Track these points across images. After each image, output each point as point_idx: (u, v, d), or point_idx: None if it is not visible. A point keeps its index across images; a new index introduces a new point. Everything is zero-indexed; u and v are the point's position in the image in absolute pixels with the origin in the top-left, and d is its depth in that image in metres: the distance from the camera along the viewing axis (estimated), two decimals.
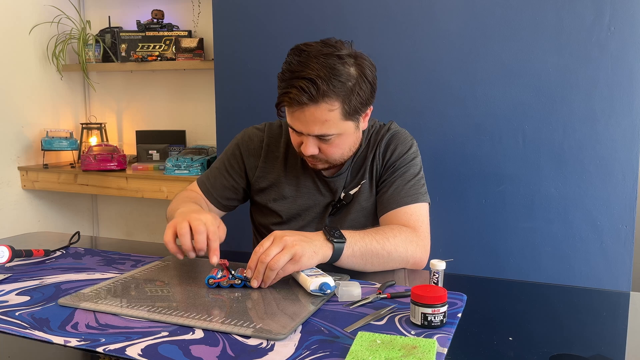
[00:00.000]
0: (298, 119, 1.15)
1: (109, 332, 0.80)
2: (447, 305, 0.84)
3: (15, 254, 1.15)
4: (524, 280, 1.43)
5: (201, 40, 2.49)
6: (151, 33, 2.57)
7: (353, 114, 1.17)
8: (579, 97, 1.64)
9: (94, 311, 0.89)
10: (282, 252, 0.96)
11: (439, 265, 0.96)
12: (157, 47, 2.57)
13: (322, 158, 1.23)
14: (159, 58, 2.55)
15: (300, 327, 0.83)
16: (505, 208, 1.74)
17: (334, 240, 1.03)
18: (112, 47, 2.64)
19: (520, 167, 1.71)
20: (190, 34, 2.55)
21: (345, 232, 1.07)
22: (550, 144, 1.68)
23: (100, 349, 0.75)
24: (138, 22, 2.60)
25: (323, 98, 1.11)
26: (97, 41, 2.64)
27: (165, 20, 2.60)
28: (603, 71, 1.61)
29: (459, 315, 0.88)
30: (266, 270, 0.96)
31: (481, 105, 1.74)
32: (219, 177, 1.37)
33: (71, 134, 2.68)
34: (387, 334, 0.79)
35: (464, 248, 1.79)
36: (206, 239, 1.03)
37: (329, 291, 0.94)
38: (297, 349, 0.75)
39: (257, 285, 0.98)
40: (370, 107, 1.24)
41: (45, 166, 2.58)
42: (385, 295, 0.95)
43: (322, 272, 0.99)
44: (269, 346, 0.76)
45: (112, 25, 2.69)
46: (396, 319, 0.86)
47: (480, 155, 1.75)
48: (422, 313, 0.82)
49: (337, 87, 1.11)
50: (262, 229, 1.38)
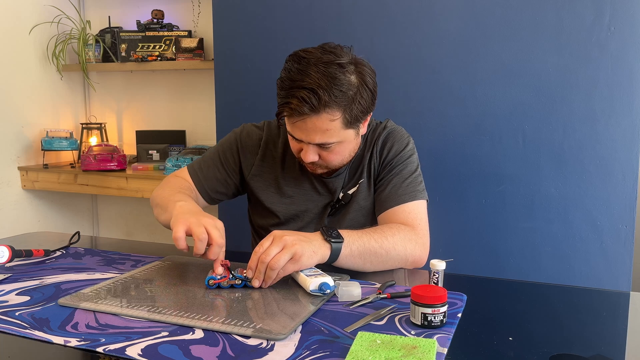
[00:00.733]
0: (299, 128, 1.14)
1: (109, 332, 0.80)
2: (447, 305, 0.84)
3: (15, 254, 1.15)
4: (524, 280, 1.43)
5: (201, 40, 2.49)
6: (151, 33, 2.57)
7: (354, 122, 1.16)
8: (579, 97, 1.64)
9: (94, 311, 0.89)
10: (282, 251, 0.96)
11: (439, 265, 0.96)
12: (157, 47, 2.57)
13: (321, 164, 1.22)
14: (159, 58, 2.55)
15: (300, 327, 0.83)
16: (505, 208, 1.74)
17: (332, 240, 1.03)
18: (112, 47, 2.64)
19: (520, 167, 1.71)
20: (190, 34, 2.55)
21: (343, 232, 1.07)
22: (550, 144, 1.68)
23: (100, 349, 0.75)
24: (138, 22, 2.60)
25: (324, 108, 1.10)
26: (97, 41, 2.64)
27: (165, 20, 2.60)
28: (603, 71, 1.61)
29: (459, 315, 0.88)
30: (267, 270, 0.96)
31: (481, 105, 1.74)
32: (212, 169, 1.35)
33: (71, 134, 2.68)
34: (387, 334, 0.79)
35: (464, 248, 1.79)
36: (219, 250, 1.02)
37: (328, 291, 0.94)
38: (297, 349, 0.75)
39: (259, 285, 0.98)
40: (370, 113, 1.23)
41: (45, 166, 2.58)
42: (385, 295, 0.95)
43: (321, 272, 0.99)
44: (269, 346, 0.76)
45: (112, 25, 2.69)
46: (396, 319, 0.86)
47: (480, 155, 1.75)
48: (422, 313, 0.82)
49: (339, 97, 1.10)
50: (261, 230, 1.38)
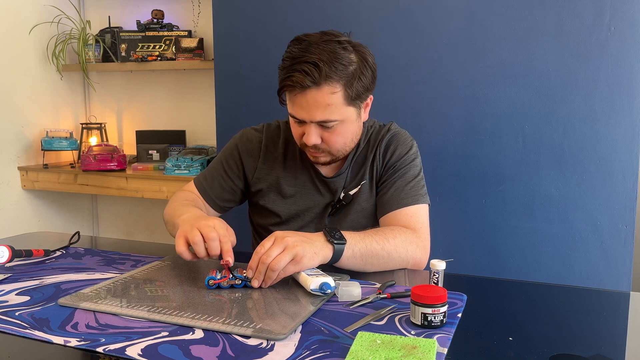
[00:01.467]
0: (300, 105, 1.15)
1: (109, 332, 0.80)
2: (447, 305, 0.84)
3: (15, 254, 1.15)
4: (524, 280, 1.43)
5: (201, 40, 2.49)
6: (151, 33, 2.57)
7: (355, 99, 1.17)
8: (579, 97, 1.64)
9: (94, 311, 0.88)
10: (283, 252, 0.96)
11: (439, 265, 0.96)
12: (157, 47, 2.57)
13: (324, 149, 1.22)
14: (159, 58, 2.55)
15: (300, 327, 0.83)
16: (505, 208, 1.74)
17: (335, 242, 1.03)
18: (112, 47, 2.64)
19: (520, 167, 1.71)
20: (190, 34, 2.55)
21: (346, 233, 1.07)
22: (550, 144, 1.68)
23: (100, 349, 0.75)
24: (138, 22, 2.60)
25: (325, 80, 1.11)
26: (97, 41, 2.64)
27: (165, 20, 2.60)
28: (603, 71, 1.61)
29: (459, 315, 0.88)
30: (267, 270, 0.96)
31: (481, 105, 1.74)
32: (217, 178, 1.36)
33: (71, 134, 2.68)
34: (387, 334, 0.79)
35: (464, 248, 1.79)
36: (218, 242, 1.02)
37: (329, 291, 0.94)
38: (297, 349, 0.75)
39: (258, 285, 0.98)
40: (371, 97, 1.24)
41: (45, 166, 2.58)
42: (385, 295, 0.95)
43: (322, 272, 0.99)
44: (269, 346, 0.76)
45: (112, 25, 2.69)
46: (396, 319, 0.86)
47: (480, 155, 1.75)
48: (422, 313, 0.82)
49: (339, 69, 1.12)
50: (261, 229, 1.38)
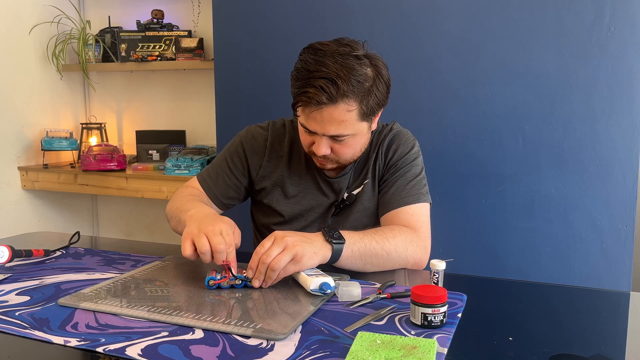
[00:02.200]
0: (314, 119, 1.14)
1: (109, 332, 0.80)
2: (447, 305, 0.84)
3: (15, 254, 1.15)
4: (524, 280, 1.43)
5: (201, 40, 2.49)
6: (151, 33, 2.57)
7: (369, 114, 1.16)
8: (579, 97, 1.64)
9: (94, 311, 0.88)
10: (283, 252, 0.96)
11: (439, 265, 0.96)
12: (157, 47, 2.57)
13: (333, 158, 1.22)
14: (159, 58, 2.55)
15: (300, 327, 0.83)
16: (505, 208, 1.74)
17: (333, 241, 1.03)
18: (112, 47, 2.64)
19: (520, 167, 1.71)
20: (190, 34, 2.55)
21: (345, 233, 1.07)
22: (550, 144, 1.68)
23: (100, 349, 0.75)
24: (138, 22, 2.60)
25: (342, 98, 1.10)
26: (97, 41, 2.64)
27: (165, 20, 2.60)
28: (603, 71, 1.61)
29: (459, 315, 0.88)
30: (267, 270, 0.96)
31: (481, 105, 1.74)
32: (221, 175, 1.35)
33: (71, 134, 2.68)
34: (387, 334, 0.79)
35: (464, 248, 1.79)
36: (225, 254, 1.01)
37: (329, 291, 0.94)
38: (297, 349, 0.75)
39: (259, 285, 0.98)
40: (383, 107, 1.23)
41: (45, 166, 2.58)
42: (385, 295, 0.95)
43: (322, 272, 0.99)
44: (269, 346, 0.76)
45: (112, 25, 2.69)
46: (396, 319, 0.86)
47: (480, 155, 1.75)
48: (422, 313, 0.82)
49: (356, 87, 1.10)
50: (263, 228, 1.38)
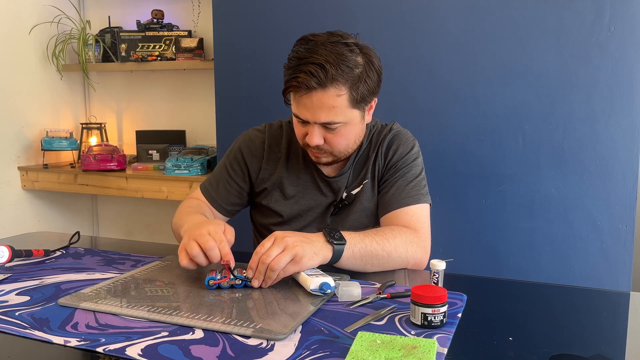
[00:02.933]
0: (305, 106, 1.15)
1: (109, 332, 0.80)
2: (447, 305, 0.84)
3: (15, 254, 1.15)
4: (524, 280, 1.43)
5: (201, 40, 2.49)
6: (151, 33, 2.57)
7: (360, 101, 1.17)
8: (579, 97, 1.64)
9: (94, 311, 0.88)
10: (283, 252, 0.96)
11: (439, 265, 0.96)
12: (157, 47, 2.57)
13: (326, 149, 1.22)
14: (159, 58, 2.55)
15: (300, 327, 0.83)
16: (505, 208, 1.74)
17: (334, 242, 1.03)
18: (112, 47, 2.64)
19: (520, 167, 1.71)
20: (190, 34, 2.55)
21: (346, 234, 1.07)
22: (550, 144, 1.68)
23: (100, 349, 0.75)
24: (138, 22, 2.60)
25: (331, 83, 1.11)
26: (97, 41, 2.64)
27: (165, 20, 2.60)
28: (603, 71, 1.61)
29: (459, 315, 0.88)
30: (267, 270, 0.96)
31: (481, 105, 1.74)
32: (223, 183, 1.36)
33: (71, 134, 2.68)
34: (387, 334, 0.79)
35: (464, 248, 1.79)
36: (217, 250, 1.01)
37: (329, 291, 0.94)
38: (297, 349, 0.75)
39: (258, 285, 0.98)
40: (375, 99, 1.24)
41: (45, 166, 2.58)
42: (385, 295, 0.95)
43: (322, 272, 0.99)
44: (269, 346, 0.76)
45: (112, 25, 2.69)
46: (396, 319, 0.86)
47: (480, 155, 1.75)
48: (422, 313, 0.82)
49: (346, 72, 1.12)
50: (263, 229, 1.38)
